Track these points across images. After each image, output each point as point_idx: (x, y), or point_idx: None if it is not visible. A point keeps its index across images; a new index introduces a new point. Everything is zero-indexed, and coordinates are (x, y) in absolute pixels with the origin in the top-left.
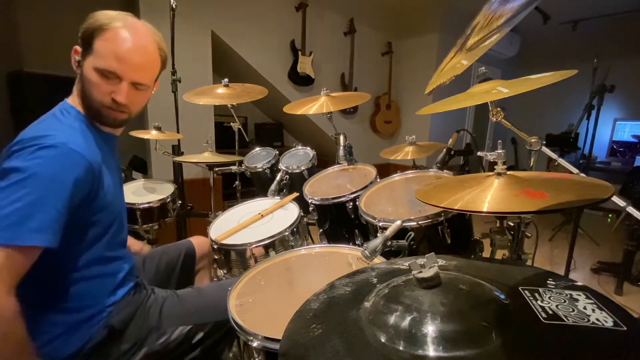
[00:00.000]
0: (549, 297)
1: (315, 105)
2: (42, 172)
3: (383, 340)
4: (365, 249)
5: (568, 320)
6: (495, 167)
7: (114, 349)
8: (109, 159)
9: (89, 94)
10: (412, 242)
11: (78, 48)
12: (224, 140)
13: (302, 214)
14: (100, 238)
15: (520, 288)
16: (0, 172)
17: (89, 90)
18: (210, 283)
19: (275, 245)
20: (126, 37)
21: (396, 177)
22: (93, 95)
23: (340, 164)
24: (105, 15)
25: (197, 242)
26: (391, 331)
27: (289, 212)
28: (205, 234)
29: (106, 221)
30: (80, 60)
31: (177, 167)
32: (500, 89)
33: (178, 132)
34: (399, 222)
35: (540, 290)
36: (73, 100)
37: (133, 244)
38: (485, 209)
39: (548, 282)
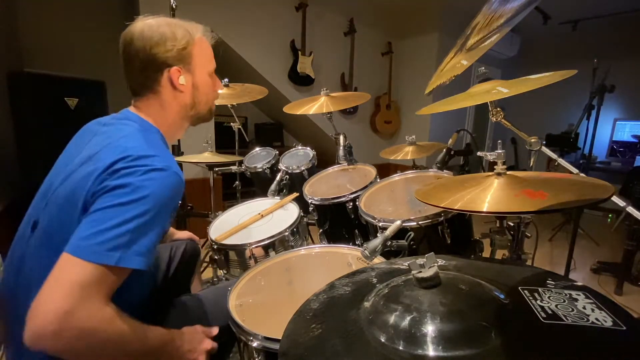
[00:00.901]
0: (549, 297)
1: (315, 105)
2: (155, 196)
3: (383, 340)
4: (365, 249)
5: (567, 320)
6: (495, 167)
7: None
8: None
9: (204, 99)
10: (412, 242)
11: (178, 68)
12: (224, 140)
13: (302, 214)
14: None
15: (520, 288)
16: (108, 187)
17: (204, 95)
18: (205, 287)
19: (275, 245)
20: (203, 35)
21: (396, 177)
22: (209, 97)
23: (340, 164)
24: (184, 28)
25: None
26: (391, 331)
27: (289, 212)
28: (205, 234)
29: None
30: (183, 75)
31: None
32: (500, 89)
33: None
34: (398, 222)
35: (540, 290)
36: (152, 118)
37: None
38: (485, 209)
39: (548, 282)
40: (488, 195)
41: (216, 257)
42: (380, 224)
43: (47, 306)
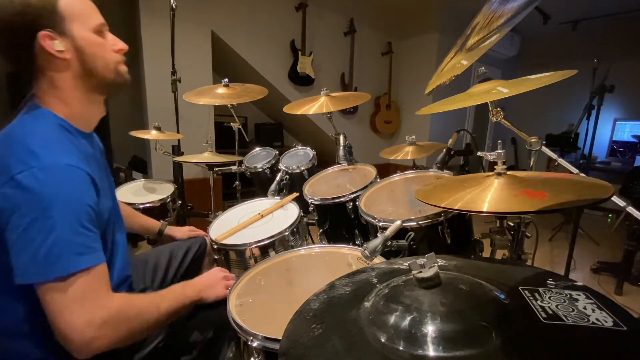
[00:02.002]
0: (549, 297)
1: (315, 105)
2: (51, 200)
3: (383, 340)
4: (365, 249)
5: (568, 320)
6: (495, 167)
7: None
8: (99, 162)
9: (99, 62)
10: (412, 242)
11: (47, 32)
12: (224, 140)
13: (302, 214)
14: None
15: (520, 288)
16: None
17: (97, 58)
18: None
19: (275, 245)
20: None
21: (396, 177)
22: (106, 58)
23: (340, 164)
24: None
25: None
26: (391, 331)
27: (289, 212)
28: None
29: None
30: (60, 40)
31: (177, 167)
32: (500, 89)
33: (178, 132)
34: (399, 222)
35: (540, 290)
36: (50, 103)
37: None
38: (485, 209)
39: (548, 282)
40: (488, 195)
41: (216, 257)
42: (380, 224)
43: (72, 334)
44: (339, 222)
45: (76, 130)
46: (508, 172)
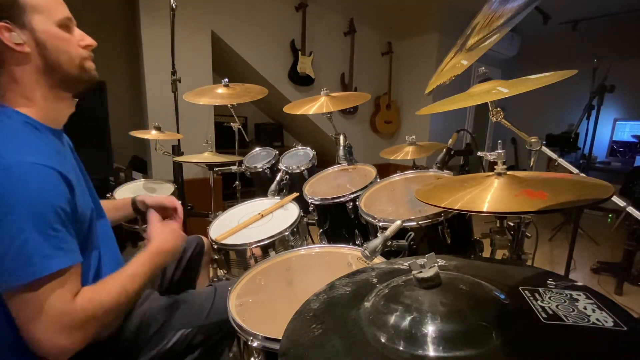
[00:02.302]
0: (549, 297)
1: (315, 105)
2: (15, 202)
3: (383, 340)
4: (365, 249)
5: (568, 320)
6: (495, 167)
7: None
8: (71, 160)
9: (63, 56)
10: (412, 242)
11: (8, 24)
12: (224, 140)
13: (302, 214)
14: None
15: (520, 288)
16: None
17: (60, 52)
18: (207, 284)
19: (275, 245)
20: None
21: (396, 177)
22: (71, 53)
23: (340, 164)
24: None
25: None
26: (391, 331)
27: (289, 212)
28: (205, 233)
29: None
30: (20, 32)
31: (177, 167)
32: (500, 89)
33: (178, 132)
34: (399, 222)
35: (540, 290)
36: (13, 100)
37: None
38: (485, 209)
39: (548, 282)
40: (488, 195)
41: (216, 257)
42: (380, 224)
43: (43, 343)
44: (339, 222)
45: (43, 126)
46: (508, 172)
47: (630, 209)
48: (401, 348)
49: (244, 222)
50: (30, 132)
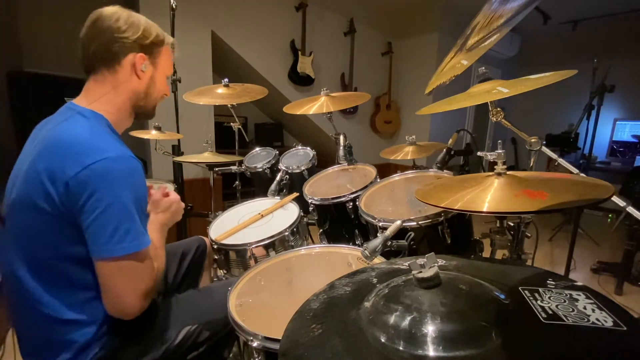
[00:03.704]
0: (549, 297)
1: (315, 105)
2: (121, 186)
3: (383, 340)
4: (365, 249)
5: (568, 320)
6: (495, 167)
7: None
8: None
9: (151, 95)
10: (412, 242)
11: (144, 55)
12: (224, 140)
13: (302, 214)
14: None
15: (520, 288)
16: (80, 199)
17: (152, 91)
18: (210, 283)
19: (275, 245)
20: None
21: (396, 177)
22: (154, 95)
23: (340, 164)
24: (158, 29)
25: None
26: (391, 331)
27: (289, 212)
28: (205, 234)
29: None
30: (148, 65)
31: (177, 167)
32: (500, 89)
33: (178, 132)
34: (399, 222)
35: (540, 290)
36: (100, 101)
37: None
38: (485, 209)
39: (548, 282)
40: (488, 195)
41: (216, 257)
42: (380, 224)
43: (127, 304)
44: (339, 222)
45: (115, 132)
46: (508, 172)
47: (630, 209)
48: (401, 348)
49: (244, 222)
50: (111, 133)
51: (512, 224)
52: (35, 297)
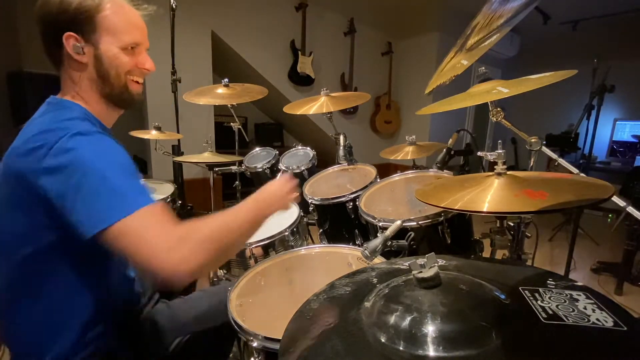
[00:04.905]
0: (549, 297)
1: (315, 105)
2: (90, 159)
3: (383, 340)
4: (365, 249)
5: (568, 320)
6: (495, 167)
7: None
8: None
9: (114, 75)
10: (412, 242)
11: (72, 34)
12: (224, 140)
13: (302, 214)
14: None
15: (520, 288)
16: (45, 170)
17: (113, 70)
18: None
19: (275, 245)
20: (126, 4)
21: (396, 177)
22: (120, 74)
23: (340, 164)
24: None
25: None
26: (391, 331)
27: (289, 212)
28: None
29: None
30: (84, 45)
31: (177, 167)
32: (500, 89)
33: (178, 132)
34: (399, 222)
35: (540, 290)
36: (70, 96)
37: None
38: (485, 209)
39: (548, 282)
40: (488, 195)
41: None
42: (380, 224)
43: (158, 260)
44: (339, 222)
45: (98, 121)
46: (508, 172)
47: (630, 209)
48: (401, 348)
49: None
50: (89, 122)
51: (512, 224)
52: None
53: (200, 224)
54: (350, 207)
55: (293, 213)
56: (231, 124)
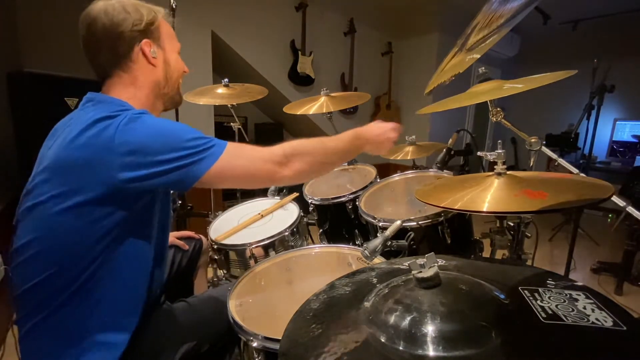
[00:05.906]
0: (549, 297)
1: (315, 105)
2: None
3: (383, 340)
4: (365, 249)
5: (568, 320)
6: (495, 167)
7: None
8: None
9: (171, 78)
10: (412, 242)
11: (148, 40)
12: (224, 140)
13: (302, 214)
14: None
15: (520, 288)
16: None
17: (171, 73)
18: (203, 292)
19: (275, 245)
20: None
21: (396, 177)
22: (174, 77)
23: None
24: (144, 5)
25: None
26: (391, 331)
27: (289, 212)
28: (205, 234)
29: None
30: (157, 49)
31: None
32: (500, 88)
33: None
34: (399, 222)
35: (540, 290)
36: (123, 97)
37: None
38: (485, 209)
39: (548, 282)
40: (488, 195)
41: (216, 257)
42: (380, 224)
43: (267, 168)
44: (339, 222)
45: None
46: (508, 172)
47: (630, 209)
48: (401, 348)
49: (244, 222)
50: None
51: (512, 224)
52: None
53: (295, 141)
54: (350, 207)
55: (293, 213)
56: (231, 124)
